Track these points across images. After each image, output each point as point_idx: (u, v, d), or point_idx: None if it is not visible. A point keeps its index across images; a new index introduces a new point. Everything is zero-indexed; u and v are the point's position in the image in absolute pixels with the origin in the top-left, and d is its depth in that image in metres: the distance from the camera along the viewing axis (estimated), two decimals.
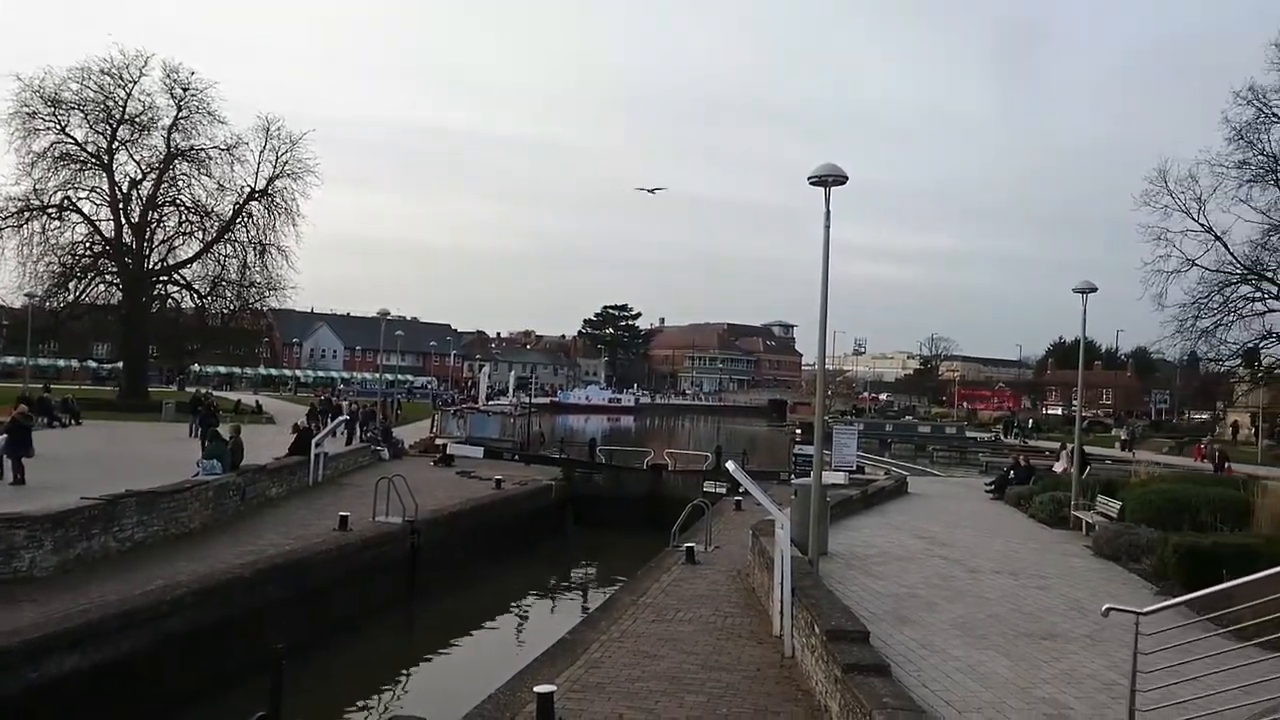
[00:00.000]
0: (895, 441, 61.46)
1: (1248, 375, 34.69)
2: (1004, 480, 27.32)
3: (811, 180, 12.11)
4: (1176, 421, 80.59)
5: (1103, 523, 18.22)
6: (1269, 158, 28.03)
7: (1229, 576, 8.66)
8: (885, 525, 19.70)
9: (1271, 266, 28.34)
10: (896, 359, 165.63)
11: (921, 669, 8.99)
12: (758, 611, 12.44)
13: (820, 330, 12.79)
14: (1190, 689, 6.93)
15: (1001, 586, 13.47)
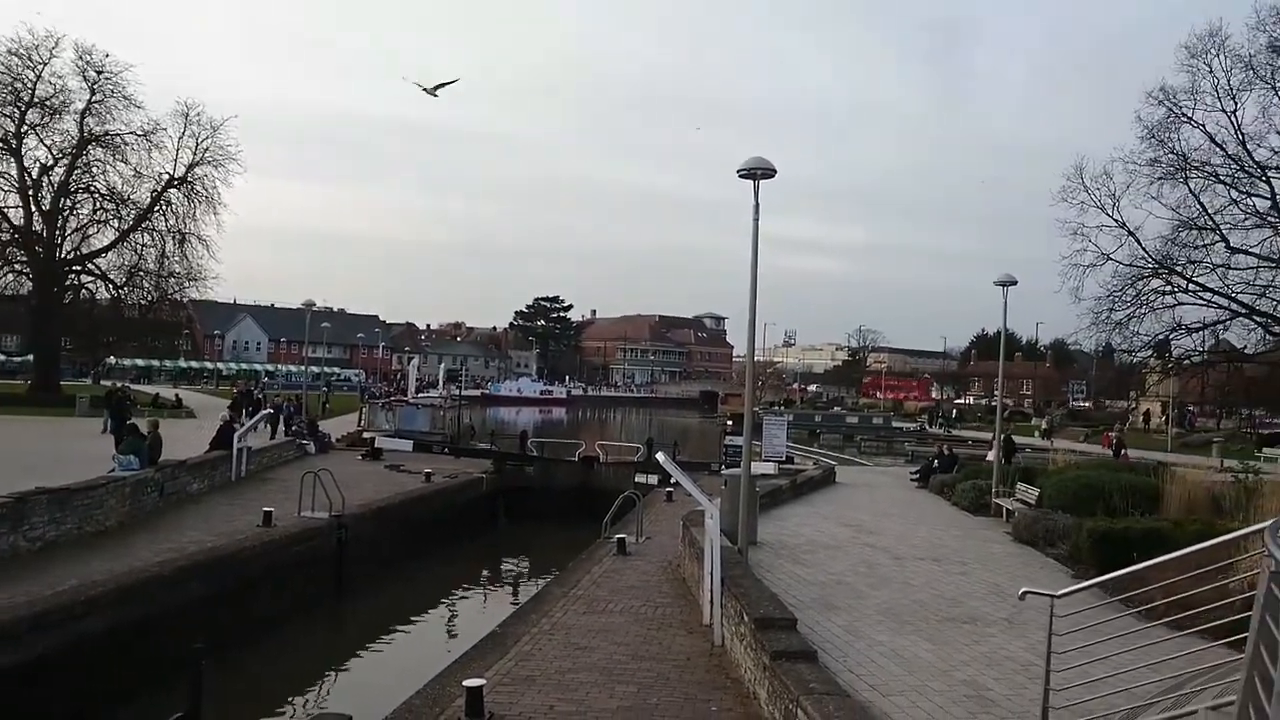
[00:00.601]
0: (824, 432, 62.45)
1: (1159, 366, 35.95)
2: (928, 469, 27.96)
3: (740, 173, 12.19)
4: (1093, 410, 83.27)
5: (1022, 509, 18.75)
6: (1178, 156, 29.08)
7: (1139, 559, 8.98)
8: (814, 514, 20.00)
9: (1181, 261, 29.42)
10: (826, 351, 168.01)
11: (848, 654, 9.15)
12: (688, 601, 12.53)
13: (750, 322, 12.91)
14: (1102, 668, 7.17)
15: (925, 573, 13.78)
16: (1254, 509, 14.58)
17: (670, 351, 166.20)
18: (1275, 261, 28.44)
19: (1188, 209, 29.27)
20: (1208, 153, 28.82)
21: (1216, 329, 30.68)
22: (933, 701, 7.90)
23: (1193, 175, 28.97)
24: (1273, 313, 28.75)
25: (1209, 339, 31.69)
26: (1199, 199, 28.99)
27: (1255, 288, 28.95)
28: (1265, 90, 27.96)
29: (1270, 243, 28.58)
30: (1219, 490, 17.82)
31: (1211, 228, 28.84)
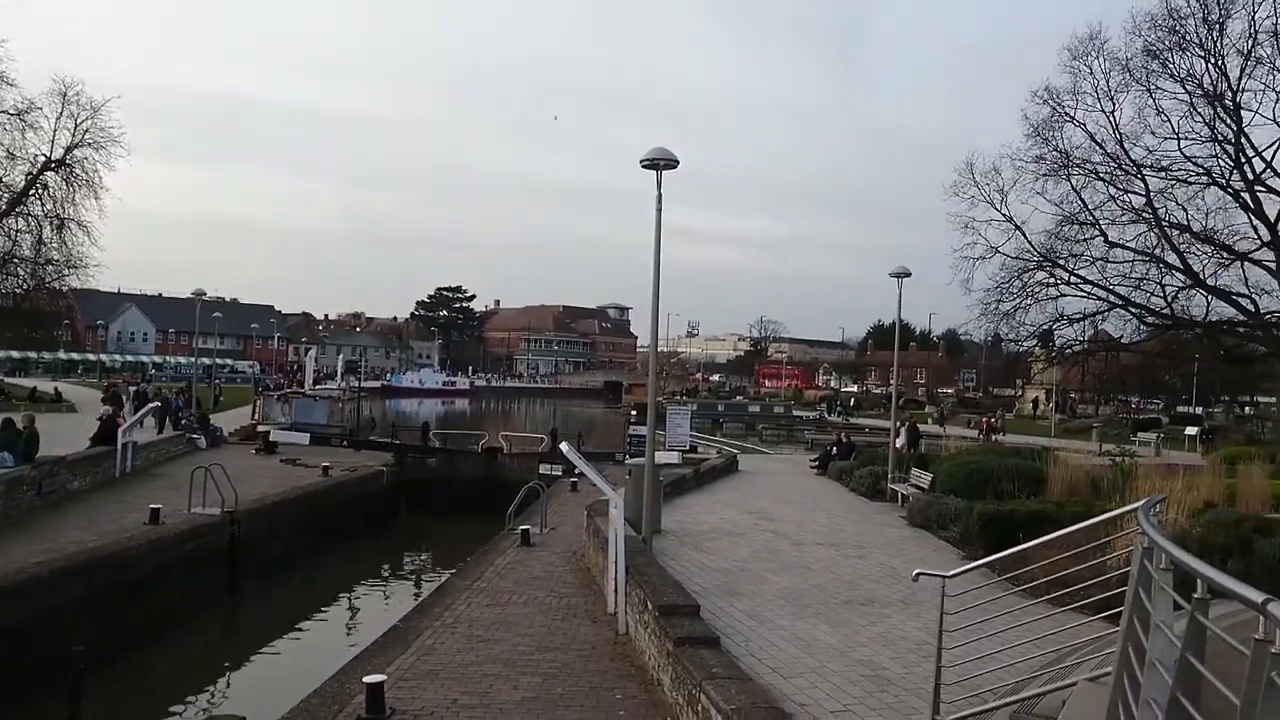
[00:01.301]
0: (727, 421, 63.28)
1: (1043, 355, 37.51)
2: (827, 456, 28.60)
3: (644, 163, 12.23)
4: (983, 398, 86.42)
5: (916, 494, 19.34)
6: (1062, 154, 30.36)
7: (1024, 540, 9.37)
8: (717, 502, 20.25)
9: (1063, 255, 30.74)
10: (729, 341, 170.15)
11: (750, 639, 9.30)
12: (593, 591, 12.55)
13: (653, 313, 12.97)
14: (990, 644, 7.44)
15: (824, 557, 14.10)
16: (1129, 490, 15.34)
17: (575, 342, 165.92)
18: (1149, 255, 29.95)
19: (1070, 205, 30.65)
20: (1088, 151, 30.22)
21: (1095, 319, 32.20)
22: (831, 682, 8.09)
23: (1075, 172, 30.33)
24: (1146, 304, 30.30)
25: (1089, 329, 33.24)
26: (1080, 195, 30.39)
27: (1131, 280, 30.50)
28: (1141, 92, 29.42)
29: (1144, 237, 30.11)
30: (1098, 473, 18.72)
31: (1091, 223, 30.24)
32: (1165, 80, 29.01)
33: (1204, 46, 28.22)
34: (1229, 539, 10.27)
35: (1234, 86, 28.12)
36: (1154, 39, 28.84)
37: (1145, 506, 5.08)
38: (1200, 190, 29.42)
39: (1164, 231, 29.36)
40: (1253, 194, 28.59)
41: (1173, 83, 28.92)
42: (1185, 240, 29.46)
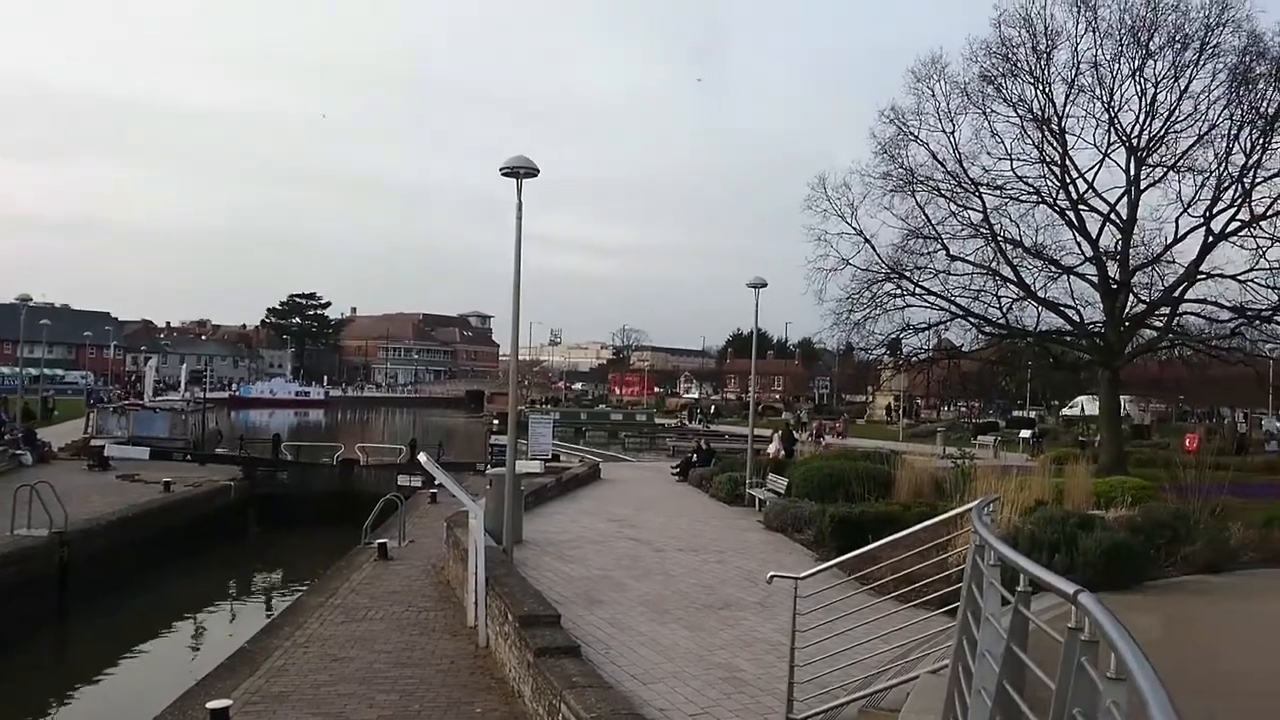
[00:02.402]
0: (590, 429, 63.45)
1: (891, 363, 39.14)
2: (688, 463, 29.06)
3: (503, 171, 12.16)
4: (836, 405, 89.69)
5: (773, 499, 19.87)
6: (907, 171, 31.75)
7: (874, 540, 9.78)
8: (579, 511, 20.28)
9: (909, 267, 32.12)
10: (591, 349, 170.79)
11: (611, 647, 9.35)
12: (453, 604, 12.36)
13: (513, 320, 12.90)
14: (840, 642, 7.72)
15: (685, 563, 14.31)
16: (969, 490, 16.18)
17: (435, 350, 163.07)
18: (986, 268, 31.66)
19: (915, 219, 32.05)
20: (931, 169, 31.67)
21: (939, 329, 33.76)
22: (690, 686, 8.22)
23: (919, 189, 31.74)
24: (984, 314, 32.00)
25: (933, 338, 34.86)
26: (924, 210, 31.83)
27: (970, 291, 32.10)
28: (978, 115, 31.09)
29: (982, 251, 31.77)
30: (941, 475, 19.69)
31: (935, 237, 31.73)
32: (999, 104, 30.82)
33: (1033, 74, 30.14)
34: (1056, 534, 10.97)
35: (1059, 112, 30.14)
36: (989, 65, 30.59)
37: (979, 507, 5.39)
38: (1031, 208, 31.33)
39: (999, 246, 31.11)
40: (1077, 212, 30.68)
41: (1006, 107, 30.74)
42: (1018, 254, 31.28)
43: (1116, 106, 29.64)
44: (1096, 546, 10.60)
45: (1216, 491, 14.65)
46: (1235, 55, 28.40)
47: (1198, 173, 29.65)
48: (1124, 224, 30.24)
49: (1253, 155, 28.57)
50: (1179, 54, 28.64)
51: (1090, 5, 29.05)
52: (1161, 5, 28.49)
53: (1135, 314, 31.23)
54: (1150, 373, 42.99)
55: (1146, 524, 12.57)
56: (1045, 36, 29.67)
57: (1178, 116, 29.24)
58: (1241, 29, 28.22)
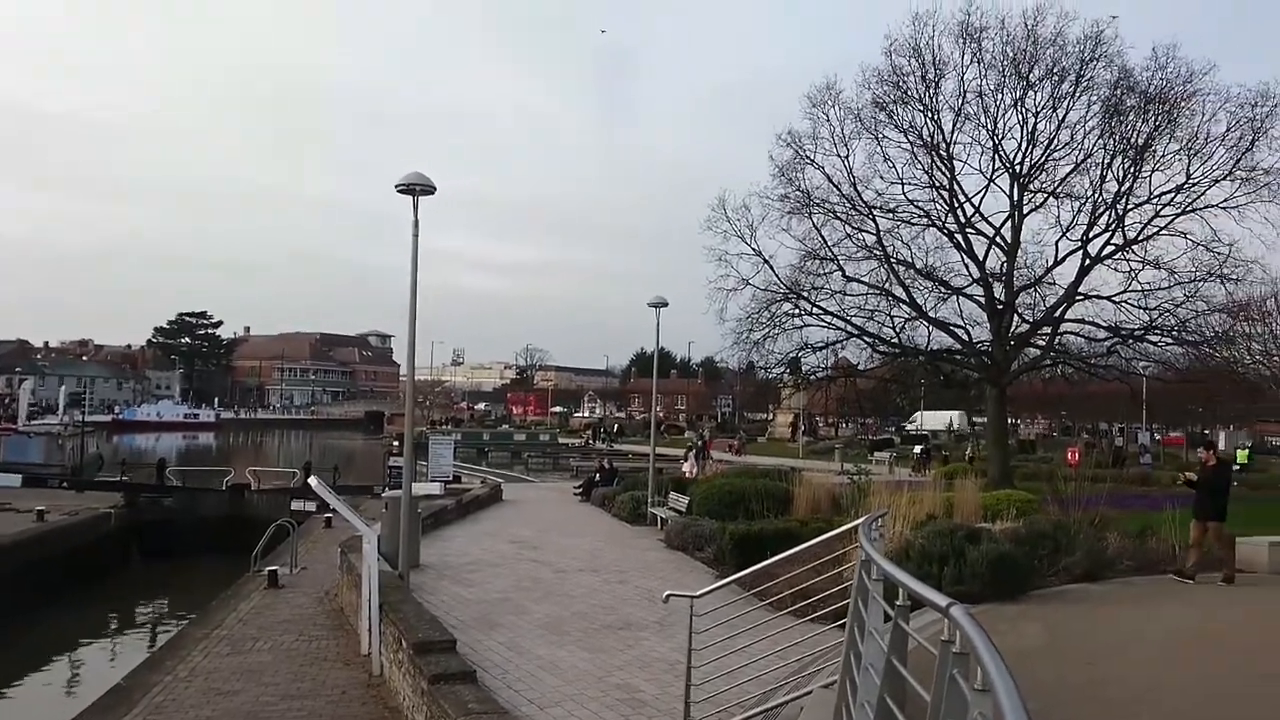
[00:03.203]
0: (493, 450, 62.68)
1: (791, 381, 39.87)
2: (590, 483, 28.98)
3: (399, 188, 11.98)
4: (738, 423, 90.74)
5: (674, 517, 19.95)
6: (804, 193, 32.50)
7: (772, 557, 9.89)
8: (479, 533, 19.99)
9: (807, 287, 32.82)
10: (495, 369, 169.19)
11: (508, 671, 9.21)
12: (347, 632, 12.02)
13: (409, 340, 12.69)
14: (738, 659, 7.77)
15: (585, 584, 14.23)
16: (864, 505, 16.55)
17: (333, 371, 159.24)
18: (880, 289, 32.60)
19: (812, 241, 32.81)
20: (827, 192, 32.50)
21: (836, 347, 34.57)
22: (588, 709, 8.15)
23: (815, 211, 32.53)
24: (879, 333, 32.91)
25: (830, 356, 35.67)
26: (821, 232, 32.61)
27: (865, 311, 33.00)
28: (870, 140, 32.11)
29: (876, 272, 32.71)
30: (839, 491, 20.07)
31: (831, 258, 32.52)
32: (891, 130, 31.87)
33: (923, 102, 31.27)
34: (945, 547, 11.28)
35: (947, 139, 31.31)
36: (881, 93, 31.63)
37: (865, 523, 5.50)
38: (922, 230, 32.45)
39: (892, 267, 32.08)
40: (965, 235, 31.88)
41: (897, 133, 31.82)
42: (910, 276, 32.31)
43: (1000, 134, 31.00)
44: (983, 558, 10.94)
45: (1095, 503, 15.32)
46: (1108, 88, 30.08)
47: (1075, 199, 31.24)
48: (1008, 247, 31.55)
49: (1125, 183, 30.22)
50: (1057, 86, 30.16)
51: (975, 37, 30.35)
52: (1041, 39, 29.96)
53: (1020, 333, 32.55)
54: (1035, 390, 44.79)
55: (1030, 535, 13.04)
56: (933, 66, 30.86)
57: (1056, 145, 30.77)
58: (1113, 64, 29.91)
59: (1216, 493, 13.51)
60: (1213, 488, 13.58)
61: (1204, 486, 13.68)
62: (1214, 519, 13.30)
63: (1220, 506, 13.41)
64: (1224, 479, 14.00)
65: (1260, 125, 28.29)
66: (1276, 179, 28.19)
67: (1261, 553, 14.59)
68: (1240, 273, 28.15)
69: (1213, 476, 13.89)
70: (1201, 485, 13.79)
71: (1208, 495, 13.49)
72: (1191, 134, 29.27)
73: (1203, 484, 13.78)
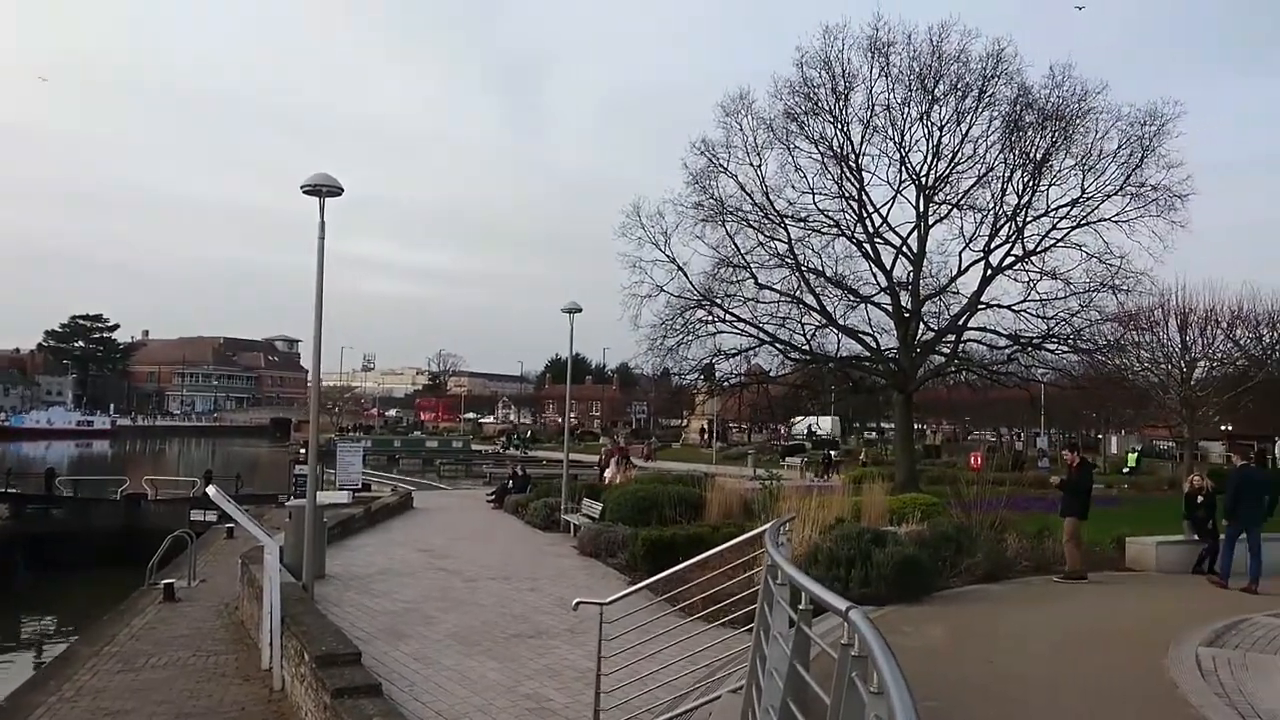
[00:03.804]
0: (404, 457, 61.58)
1: (704, 387, 40.18)
2: (504, 490, 28.70)
3: (305, 189, 11.68)
4: (653, 429, 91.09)
5: (587, 524, 19.86)
6: (717, 201, 32.88)
7: (684, 562, 9.90)
8: (388, 542, 19.58)
9: (720, 294, 33.19)
10: (406, 375, 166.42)
11: (415, 682, 9.02)
12: (247, 646, 11.64)
13: (315, 343, 12.37)
14: (649, 665, 7.76)
15: (496, 592, 14.05)
16: (775, 510, 16.73)
17: (237, 376, 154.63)
18: (792, 297, 33.13)
19: (725, 248, 33.22)
20: (740, 200, 32.96)
21: (749, 354, 35.01)
22: (496, 719, 8.03)
23: (729, 219, 32.96)
24: (790, 340, 33.46)
25: (743, 363, 36.09)
26: (734, 240, 33.04)
27: (777, 318, 33.52)
28: (783, 150, 32.68)
29: (787, 280, 33.28)
30: (750, 496, 20.24)
31: (744, 266, 32.95)
32: (802, 141, 32.49)
33: (833, 114, 31.94)
34: (853, 550, 11.46)
35: (857, 150, 32.07)
36: (793, 104, 32.22)
37: (773, 528, 5.54)
38: (832, 240, 33.15)
39: (803, 276, 32.66)
40: (873, 245, 32.66)
41: (809, 143, 32.45)
42: (821, 284, 32.95)
43: (907, 147, 31.88)
44: (889, 561, 11.16)
45: (996, 506, 15.80)
46: (1008, 104, 31.21)
47: (978, 211, 32.30)
48: (914, 257, 32.42)
49: (1024, 196, 31.38)
50: (960, 101, 31.17)
51: (883, 52, 31.15)
52: (945, 55, 30.92)
53: (925, 341, 33.45)
54: (940, 396, 46.06)
55: (934, 538, 13.36)
56: (843, 79, 31.57)
57: (960, 158, 31.78)
58: (1014, 81, 31.05)
59: (1079, 492, 14.10)
60: (1075, 487, 14.17)
61: (1068, 486, 14.29)
62: (1072, 515, 13.87)
63: (1082, 505, 14.00)
64: (1086, 479, 14.57)
65: (1149, 144, 29.72)
66: (1164, 195, 29.61)
67: (1150, 551, 15.25)
68: (1130, 284, 29.44)
69: (1076, 477, 14.49)
70: (1066, 485, 14.41)
71: (1071, 494, 14.09)
72: (1086, 150, 30.61)
73: (1067, 484, 14.40)
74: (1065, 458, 17.59)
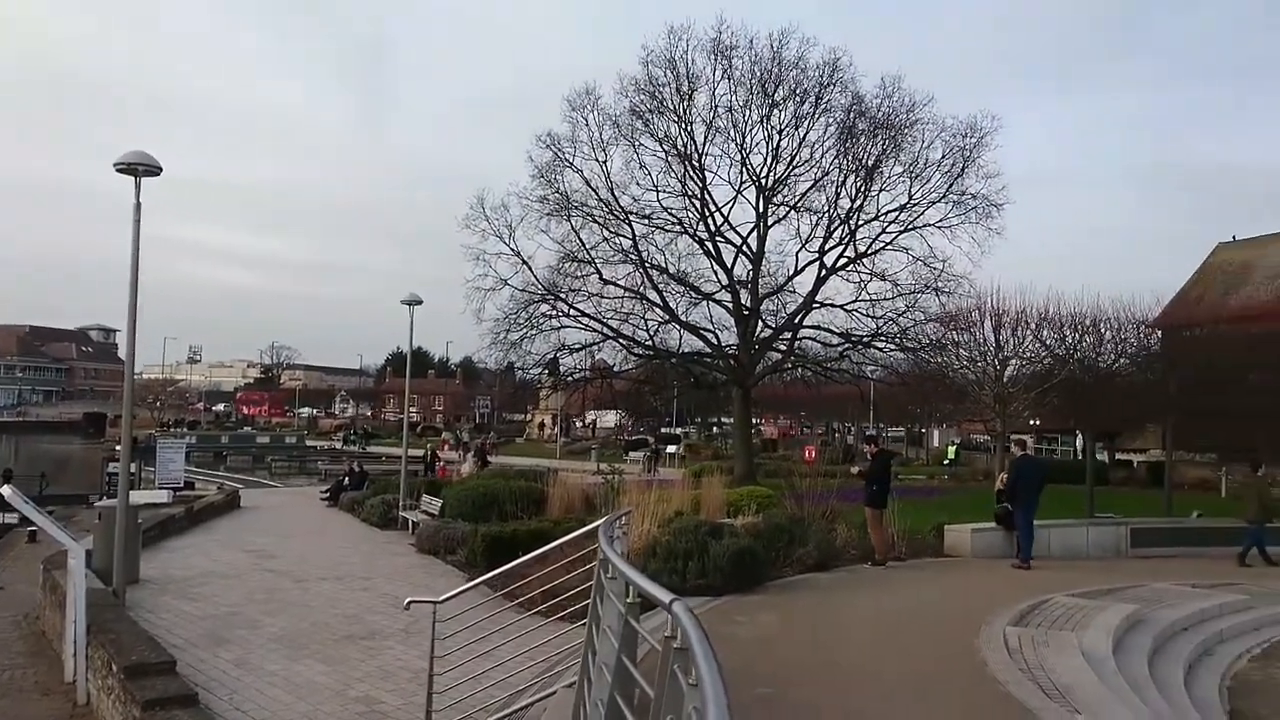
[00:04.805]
0: (233, 454, 58.85)
1: (549, 382, 40.07)
2: (339, 487, 27.78)
3: (118, 168, 10.91)
4: (497, 423, 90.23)
5: (426, 521, 19.45)
6: (563, 196, 32.81)
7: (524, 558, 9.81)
8: (212, 543, 18.59)
9: (564, 289, 33.15)
10: (237, 367, 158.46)
11: (236, 690, 8.57)
12: (49, 658, 10.78)
13: (129, 333, 11.58)
14: (487, 662, 7.64)
15: (327, 593, 13.54)
16: (617, 505, 16.84)
17: (45, 368, 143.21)
18: (635, 293, 33.47)
19: (570, 243, 33.20)
20: (586, 195, 32.99)
21: (593, 349, 35.17)
22: None
23: (574, 214, 32.95)
24: (633, 336, 33.77)
25: (588, 358, 36.22)
26: (579, 235, 33.06)
27: (621, 314, 33.79)
28: (628, 147, 32.92)
29: (631, 276, 33.58)
30: (593, 491, 20.30)
31: (589, 261, 33.03)
32: (647, 139, 32.83)
33: (677, 113, 32.41)
34: (690, 543, 11.65)
35: (700, 150, 32.65)
36: (638, 101, 32.49)
37: (606, 523, 5.55)
38: (675, 237, 33.66)
39: (647, 272, 33.03)
40: (715, 243, 33.37)
41: (653, 141, 32.82)
42: (664, 280, 33.40)
43: (748, 149, 32.70)
44: (725, 552, 11.40)
45: (827, 498, 16.43)
46: (843, 111, 32.45)
47: (814, 213, 33.49)
48: (754, 256, 33.31)
49: (856, 201, 32.76)
50: (799, 106, 32.20)
51: (726, 55, 31.82)
52: (785, 61, 31.87)
53: (764, 338, 34.43)
54: (777, 392, 47.53)
55: (769, 530, 13.76)
56: (687, 79, 32.07)
57: (798, 162, 32.85)
58: (848, 89, 32.31)
59: (877, 481, 14.87)
60: (872, 477, 14.96)
61: (868, 477, 15.08)
62: (871, 505, 14.66)
63: (881, 494, 14.78)
64: (884, 469, 15.37)
65: (969, 155, 31.57)
66: (982, 203, 31.53)
67: (966, 538, 16.23)
68: (952, 286, 31.20)
69: (874, 467, 15.29)
70: (866, 476, 15.21)
71: (870, 484, 14.86)
72: (913, 159, 32.24)
73: (867, 475, 15.19)
74: (866, 449, 18.54)
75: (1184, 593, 12.93)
